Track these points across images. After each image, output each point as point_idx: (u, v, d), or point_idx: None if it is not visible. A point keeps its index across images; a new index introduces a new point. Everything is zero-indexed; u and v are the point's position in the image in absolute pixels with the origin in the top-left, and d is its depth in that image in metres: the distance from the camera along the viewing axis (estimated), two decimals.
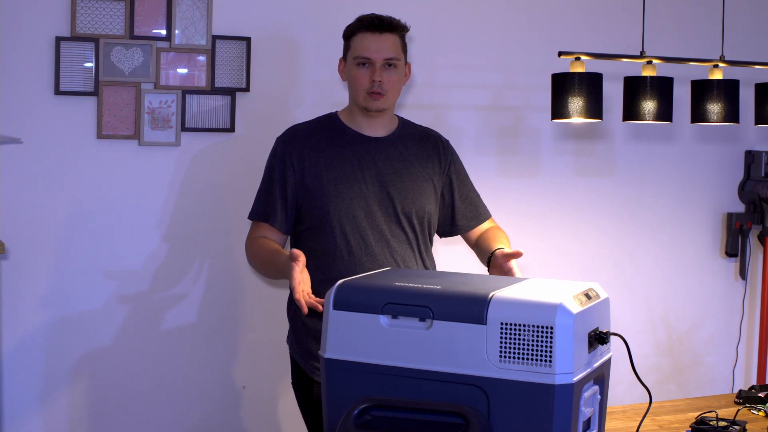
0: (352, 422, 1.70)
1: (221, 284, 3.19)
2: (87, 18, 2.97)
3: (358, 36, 2.56)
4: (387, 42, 2.55)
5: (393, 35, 2.57)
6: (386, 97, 2.56)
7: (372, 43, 2.53)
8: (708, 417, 2.31)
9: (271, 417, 3.27)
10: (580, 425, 1.68)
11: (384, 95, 2.55)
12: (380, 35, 2.54)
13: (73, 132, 3.00)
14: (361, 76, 2.54)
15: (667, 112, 2.52)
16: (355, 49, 2.56)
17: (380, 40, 2.54)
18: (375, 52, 2.53)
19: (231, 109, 3.14)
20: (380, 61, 2.53)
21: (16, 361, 2.98)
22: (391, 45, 2.56)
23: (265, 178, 2.61)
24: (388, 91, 2.56)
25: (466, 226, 2.73)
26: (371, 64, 2.54)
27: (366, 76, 2.54)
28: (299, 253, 2.26)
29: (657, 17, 3.55)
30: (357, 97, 2.57)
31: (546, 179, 3.63)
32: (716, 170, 3.94)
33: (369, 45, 2.53)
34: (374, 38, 2.54)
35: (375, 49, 2.53)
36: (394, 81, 2.57)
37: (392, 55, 2.55)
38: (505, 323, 1.65)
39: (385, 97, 2.55)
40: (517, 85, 3.57)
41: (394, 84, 2.58)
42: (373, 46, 2.53)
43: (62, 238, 3.00)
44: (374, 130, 2.62)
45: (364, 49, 2.54)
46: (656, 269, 3.85)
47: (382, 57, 2.54)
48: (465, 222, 2.72)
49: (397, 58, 2.56)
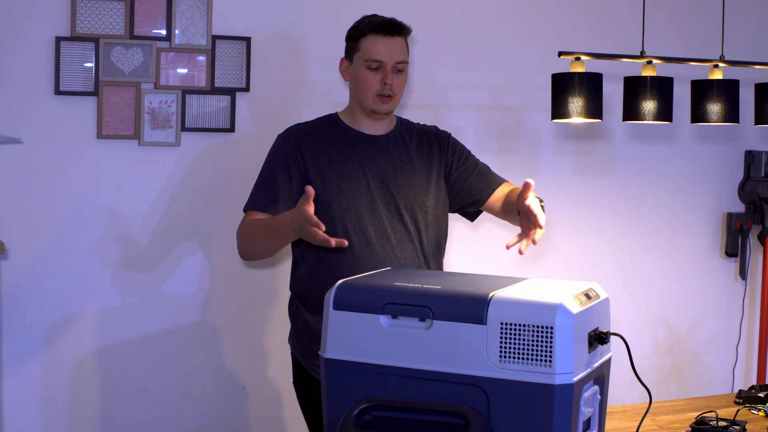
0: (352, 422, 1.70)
1: (222, 284, 3.18)
2: (87, 18, 2.97)
3: (368, 38, 2.54)
4: (398, 45, 2.55)
5: (402, 38, 2.57)
6: (394, 100, 2.56)
7: (384, 47, 2.53)
8: (708, 417, 2.31)
9: (272, 416, 3.26)
10: (580, 425, 1.68)
11: (393, 98, 2.55)
12: (392, 38, 2.54)
13: (73, 132, 3.00)
14: (372, 78, 2.54)
15: (667, 112, 2.52)
16: (366, 52, 2.54)
17: (392, 44, 2.54)
18: (387, 56, 2.53)
19: (231, 109, 3.14)
20: (391, 64, 2.53)
21: (16, 361, 2.98)
22: (401, 48, 2.56)
23: (265, 171, 2.58)
24: (397, 93, 2.56)
25: (484, 197, 2.68)
26: (383, 67, 2.53)
27: (376, 79, 2.53)
28: (310, 190, 2.13)
29: (657, 17, 3.55)
30: (365, 99, 2.56)
31: (546, 179, 3.63)
32: (716, 170, 3.94)
33: (381, 48, 2.53)
34: (386, 41, 2.53)
35: (387, 53, 2.53)
36: (402, 84, 2.58)
37: (402, 59, 2.55)
38: (505, 323, 1.65)
39: (393, 100, 2.56)
40: (517, 85, 3.57)
41: (402, 87, 2.58)
42: (386, 50, 2.53)
43: (62, 238, 3.00)
44: (374, 129, 2.62)
45: (376, 52, 2.53)
46: (656, 269, 3.85)
47: (393, 60, 2.53)
48: (480, 193, 2.68)
49: (405, 62, 2.57)
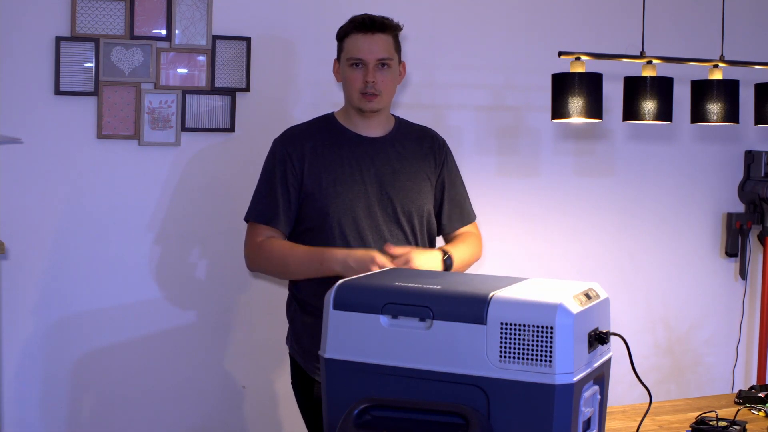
0: (352, 422, 1.70)
1: (221, 284, 3.18)
2: (87, 18, 2.97)
3: (350, 37, 2.55)
4: (379, 42, 2.54)
5: (385, 35, 2.56)
6: (380, 98, 2.56)
7: (364, 44, 2.53)
8: (708, 417, 2.31)
9: (271, 417, 3.26)
10: (580, 425, 1.68)
11: (378, 96, 2.55)
12: (372, 36, 2.54)
13: (73, 132, 3.00)
14: (355, 77, 2.54)
15: (667, 112, 2.52)
16: (347, 50, 2.56)
17: (372, 41, 2.54)
18: (368, 53, 2.53)
19: (231, 109, 3.14)
20: (373, 61, 2.53)
21: (16, 361, 2.98)
22: (383, 45, 2.55)
23: (264, 180, 2.60)
24: (382, 91, 2.55)
25: (449, 227, 2.71)
26: (364, 64, 2.53)
27: (359, 77, 2.54)
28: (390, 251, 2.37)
29: (657, 17, 3.55)
30: (351, 98, 2.57)
31: (546, 179, 3.63)
32: (716, 170, 3.94)
33: (361, 46, 2.53)
34: (366, 39, 2.53)
35: (367, 50, 2.53)
36: (388, 81, 2.57)
37: (385, 56, 2.55)
38: (505, 323, 1.65)
39: (379, 98, 2.55)
40: (517, 85, 3.57)
41: (388, 84, 2.57)
42: (366, 47, 2.53)
43: (62, 238, 3.00)
44: (371, 131, 2.62)
45: (356, 50, 2.54)
46: (656, 269, 3.85)
47: (374, 57, 2.53)
48: (448, 223, 2.71)
49: (389, 58, 2.56)
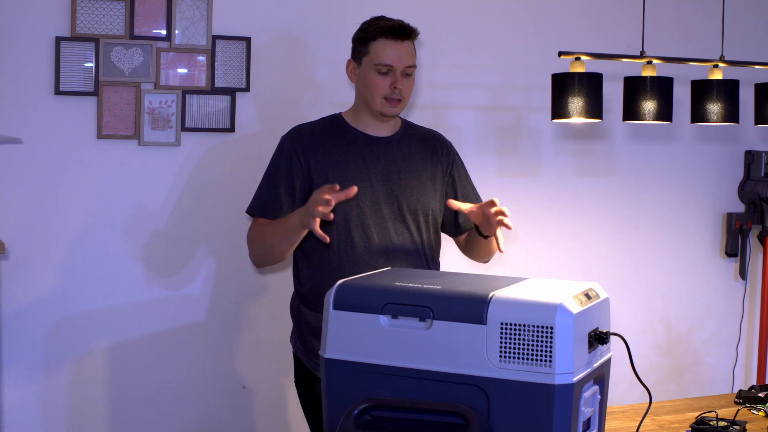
0: (352, 422, 1.70)
1: (223, 283, 3.18)
2: (87, 18, 2.97)
3: (379, 42, 2.53)
4: (408, 49, 2.55)
5: (410, 42, 2.56)
6: (403, 103, 2.56)
7: (395, 51, 2.52)
8: (708, 417, 2.31)
9: (274, 415, 3.26)
10: (580, 425, 1.68)
11: (402, 101, 2.55)
12: (402, 42, 2.53)
13: (73, 132, 3.00)
14: (381, 82, 2.53)
15: (667, 112, 2.52)
16: (376, 56, 2.53)
17: (402, 48, 2.53)
18: (398, 60, 2.52)
19: (231, 110, 3.14)
20: (401, 68, 2.53)
21: (16, 361, 2.98)
22: (410, 52, 2.56)
23: (269, 174, 2.59)
24: (405, 96, 2.56)
25: (468, 225, 2.72)
26: (392, 71, 2.53)
27: (386, 84, 2.53)
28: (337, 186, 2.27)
29: (657, 17, 3.55)
30: (373, 102, 2.55)
31: (546, 179, 3.63)
32: (716, 170, 3.94)
33: (392, 53, 2.52)
34: (396, 46, 2.52)
35: (398, 57, 2.52)
36: (410, 87, 2.58)
37: (412, 63, 2.55)
38: (505, 323, 1.65)
39: (402, 103, 2.56)
40: (517, 85, 3.57)
41: (410, 90, 2.58)
42: (396, 54, 2.52)
43: (62, 238, 3.00)
44: (379, 131, 2.62)
45: (386, 56, 2.52)
46: (656, 269, 3.85)
47: (403, 65, 2.53)
48: (466, 221, 2.71)
49: (414, 66, 2.57)
